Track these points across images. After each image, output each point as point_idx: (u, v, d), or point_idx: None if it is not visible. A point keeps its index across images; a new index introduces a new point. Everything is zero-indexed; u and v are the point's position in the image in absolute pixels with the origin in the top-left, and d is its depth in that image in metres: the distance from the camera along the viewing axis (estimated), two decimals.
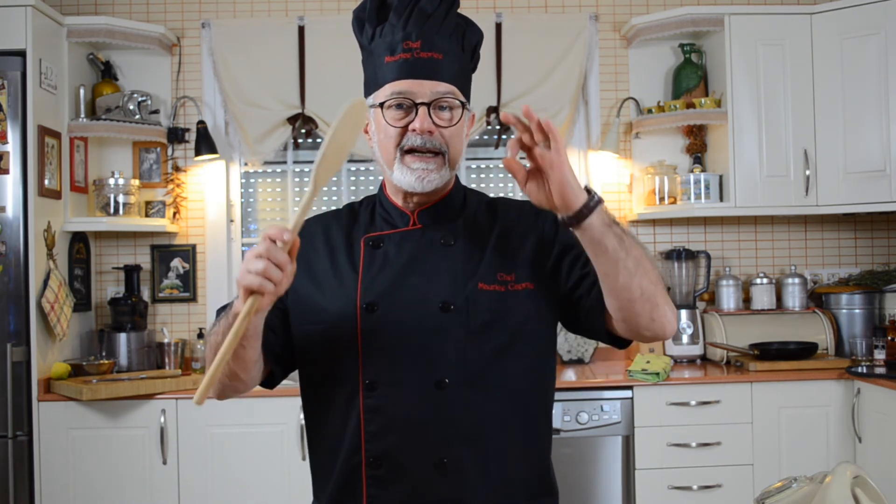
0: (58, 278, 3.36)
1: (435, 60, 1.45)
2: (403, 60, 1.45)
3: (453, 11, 1.50)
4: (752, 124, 3.64)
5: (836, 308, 3.78)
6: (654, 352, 3.72)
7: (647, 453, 3.28)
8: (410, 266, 1.47)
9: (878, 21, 3.50)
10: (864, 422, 3.26)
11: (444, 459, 1.41)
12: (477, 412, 1.43)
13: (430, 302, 1.44)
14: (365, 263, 1.48)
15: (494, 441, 1.45)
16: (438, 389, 1.41)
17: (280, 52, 3.84)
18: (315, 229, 1.57)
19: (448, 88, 1.45)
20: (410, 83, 1.44)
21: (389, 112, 1.45)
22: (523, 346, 1.47)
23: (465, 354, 1.43)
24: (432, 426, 1.42)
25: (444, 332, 1.42)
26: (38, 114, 3.30)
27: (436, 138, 1.44)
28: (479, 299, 1.44)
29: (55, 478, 3.25)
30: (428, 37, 1.45)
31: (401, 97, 1.44)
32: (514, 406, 1.47)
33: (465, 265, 1.47)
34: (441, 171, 1.45)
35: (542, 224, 1.52)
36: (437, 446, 1.42)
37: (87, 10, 3.87)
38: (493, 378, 1.45)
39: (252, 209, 4.07)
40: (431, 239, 1.49)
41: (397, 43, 1.46)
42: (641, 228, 3.99)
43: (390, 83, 1.45)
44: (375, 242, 1.50)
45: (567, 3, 3.98)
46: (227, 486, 3.27)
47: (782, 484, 1.27)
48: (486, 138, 4.03)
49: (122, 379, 3.30)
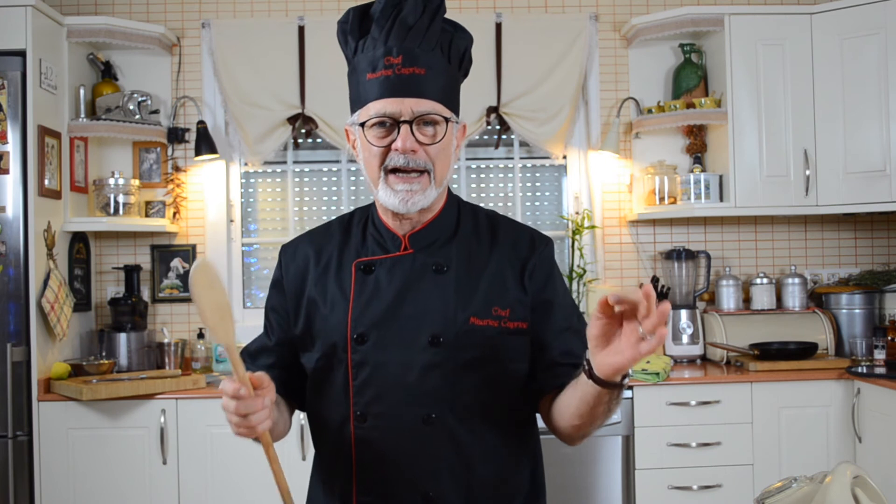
0: (58, 278, 3.36)
1: (417, 76, 1.41)
2: (384, 77, 1.41)
3: (438, 20, 1.44)
4: (752, 124, 3.65)
5: (836, 308, 3.78)
6: (654, 352, 3.72)
7: (647, 453, 3.28)
8: (402, 294, 1.44)
9: (878, 21, 3.50)
10: (864, 422, 3.26)
11: (429, 493, 1.42)
12: (464, 446, 1.43)
13: (420, 335, 1.42)
14: (356, 290, 1.46)
15: (481, 473, 1.45)
16: (426, 424, 1.41)
17: (280, 52, 3.84)
18: (307, 251, 1.55)
19: (431, 106, 1.41)
20: (391, 102, 1.40)
21: (371, 131, 1.42)
22: (513, 383, 1.47)
23: (453, 389, 1.42)
24: (420, 460, 1.42)
25: (433, 366, 1.41)
26: (38, 114, 3.30)
27: (419, 157, 1.41)
28: (471, 334, 1.42)
29: (55, 478, 3.25)
30: (410, 51, 1.41)
31: (383, 116, 1.40)
32: (503, 439, 1.47)
33: (457, 295, 1.44)
34: (426, 190, 1.42)
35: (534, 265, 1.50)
36: (425, 480, 1.42)
37: (87, 10, 3.87)
38: (481, 412, 1.44)
39: (252, 209, 4.07)
40: (423, 265, 1.47)
41: (378, 59, 1.41)
42: (641, 228, 3.99)
43: (372, 102, 1.42)
44: (367, 267, 1.48)
45: (567, 3, 3.98)
46: (227, 486, 3.27)
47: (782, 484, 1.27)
48: (486, 138, 4.03)
49: (122, 379, 3.29)
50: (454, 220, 1.53)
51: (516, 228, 1.56)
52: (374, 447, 1.43)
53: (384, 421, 1.42)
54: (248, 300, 4.00)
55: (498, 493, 1.47)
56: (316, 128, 3.83)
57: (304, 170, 4.04)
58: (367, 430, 1.43)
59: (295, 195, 4.02)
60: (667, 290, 3.77)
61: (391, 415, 1.42)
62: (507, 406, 1.48)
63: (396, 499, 1.43)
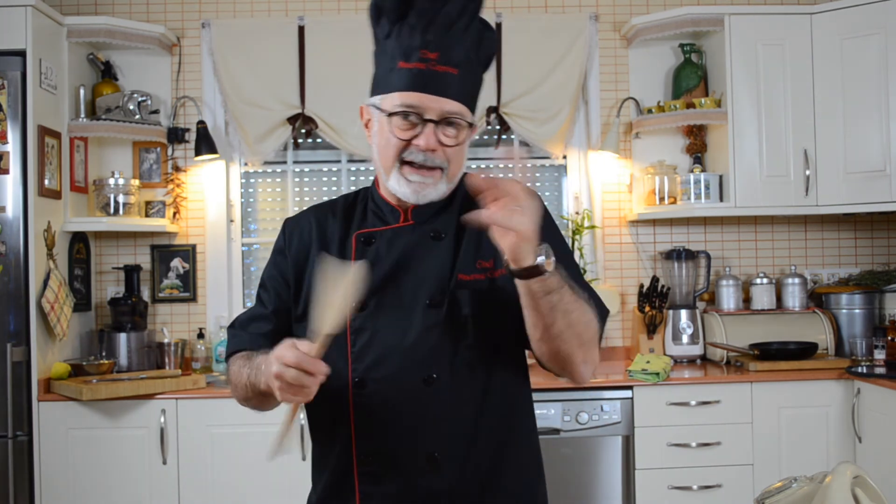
0: (58, 278, 3.36)
1: (450, 76, 1.40)
2: (418, 71, 1.40)
3: (476, 21, 1.45)
4: (752, 124, 3.64)
5: (836, 308, 3.78)
6: (654, 352, 3.72)
7: (647, 453, 3.28)
8: (400, 262, 1.47)
9: (878, 21, 3.50)
10: (864, 422, 3.26)
11: (434, 454, 1.42)
12: (465, 403, 1.44)
13: (418, 298, 1.44)
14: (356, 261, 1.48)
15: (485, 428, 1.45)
16: (426, 385, 1.42)
17: (280, 52, 3.84)
18: (311, 222, 1.57)
19: (458, 108, 1.41)
20: (421, 97, 1.39)
21: (395, 121, 1.41)
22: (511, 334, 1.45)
23: (452, 347, 1.43)
24: (422, 422, 1.43)
25: (432, 328, 1.42)
26: (38, 114, 3.30)
27: (438, 156, 1.42)
28: (462, 291, 1.44)
29: (55, 478, 3.25)
30: (446, 48, 1.40)
31: (409, 109, 1.40)
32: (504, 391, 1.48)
33: (451, 258, 1.46)
34: (438, 185, 1.43)
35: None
36: (428, 441, 1.43)
37: (87, 10, 3.87)
38: (482, 368, 1.45)
39: (252, 209, 4.07)
40: (422, 233, 1.49)
41: (414, 49, 1.40)
42: (641, 228, 3.99)
43: (400, 92, 1.41)
44: (367, 239, 1.50)
45: (567, 3, 3.98)
46: (227, 486, 3.27)
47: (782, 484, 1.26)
48: (486, 138, 4.03)
49: (122, 379, 3.29)
50: (453, 192, 1.53)
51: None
52: (374, 413, 1.43)
53: (384, 385, 1.42)
54: (248, 300, 4.00)
55: (502, 446, 1.48)
56: (316, 128, 3.83)
57: (304, 170, 4.04)
58: (366, 397, 1.43)
59: (295, 195, 4.02)
60: (667, 290, 3.77)
61: (391, 378, 1.42)
62: (508, 359, 1.49)
63: (399, 464, 1.43)
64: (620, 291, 3.95)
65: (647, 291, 3.78)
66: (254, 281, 4.03)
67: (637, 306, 3.84)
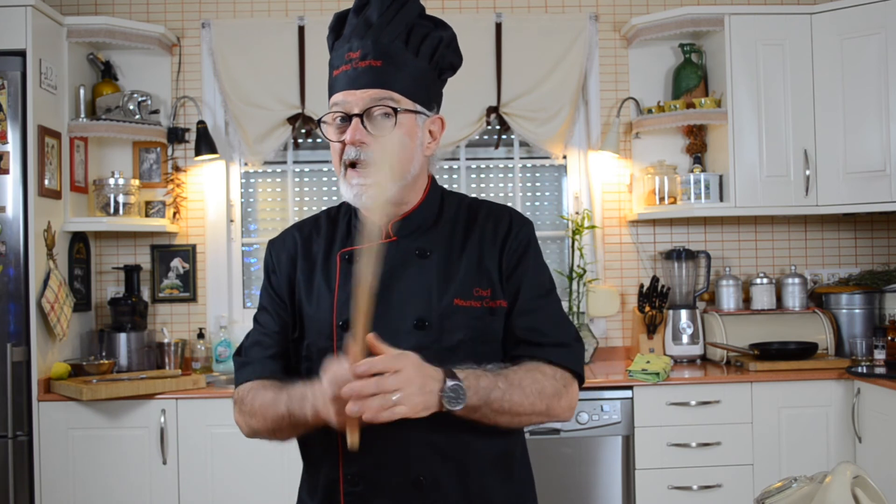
0: (58, 278, 3.36)
1: (373, 68, 1.41)
2: (343, 73, 1.43)
3: (402, 15, 1.45)
4: (752, 124, 3.64)
5: (836, 308, 3.78)
6: (654, 352, 3.72)
7: (647, 453, 3.28)
8: (386, 281, 1.43)
9: (878, 21, 3.50)
10: (864, 422, 3.26)
11: (420, 478, 1.42)
12: (453, 430, 1.42)
13: (405, 319, 1.42)
14: (341, 280, 1.47)
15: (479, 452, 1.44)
16: None
17: (280, 52, 3.84)
18: (295, 239, 1.56)
19: (383, 94, 1.40)
20: (346, 94, 1.42)
21: (330, 127, 1.44)
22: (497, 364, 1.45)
23: None
24: (409, 445, 1.41)
25: (420, 349, 1.38)
26: (38, 114, 3.30)
27: (370, 148, 1.40)
28: (456, 316, 1.43)
29: (55, 478, 3.25)
30: (367, 46, 1.42)
31: (337, 111, 1.42)
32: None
33: (440, 279, 1.45)
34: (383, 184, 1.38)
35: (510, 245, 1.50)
36: (415, 465, 1.42)
37: (87, 10, 3.87)
38: None
39: (252, 209, 4.07)
40: (407, 250, 1.47)
41: (341, 56, 1.44)
42: (641, 228, 3.99)
43: (332, 97, 1.45)
44: (351, 257, 1.48)
45: (567, 3, 3.98)
46: (227, 486, 3.27)
47: (782, 484, 1.26)
48: (486, 138, 4.03)
49: (122, 379, 3.29)
50: (437, 207, 1.53)
51: (497, 210, 1.55)
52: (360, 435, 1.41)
53: None
54: (248, 300, 4.00)
55: (492, 470, 1.47)
56: (316, 128, 3.83)
57: (304, 170, 4.04)
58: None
59: (295, 195, 4.02)
60: (667, 290, 3.78)
61: None
62: None
63: (386, 486, 1.42)
64: (620, 291, 3.95)
65: (647, 291, 3.78)
66: (254, 281, 4.03)
67: (637, 306, 3.84)
